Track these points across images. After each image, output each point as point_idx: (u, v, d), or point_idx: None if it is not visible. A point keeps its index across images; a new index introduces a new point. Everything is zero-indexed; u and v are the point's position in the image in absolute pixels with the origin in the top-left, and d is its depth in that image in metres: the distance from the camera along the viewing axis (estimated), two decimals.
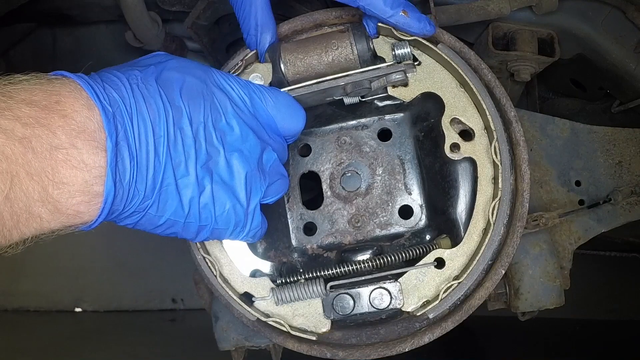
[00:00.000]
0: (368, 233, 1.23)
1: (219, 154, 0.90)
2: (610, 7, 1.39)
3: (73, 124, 0.75)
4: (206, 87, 0.91)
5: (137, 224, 0.88)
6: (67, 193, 0.75)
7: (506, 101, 1.12)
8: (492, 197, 1.08)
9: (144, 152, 0.82)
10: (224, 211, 0.92)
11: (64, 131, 0.74)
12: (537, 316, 1.30)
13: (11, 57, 1.94)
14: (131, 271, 3.13)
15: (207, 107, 0.90)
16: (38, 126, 0.72)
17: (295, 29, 1.17)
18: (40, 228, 0.76)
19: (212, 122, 0.90)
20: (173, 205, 0.87)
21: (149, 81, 0.86)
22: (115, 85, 0.83)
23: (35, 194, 0.72)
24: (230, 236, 0.98)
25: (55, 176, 0.73)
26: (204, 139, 0.88)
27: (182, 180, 0.86)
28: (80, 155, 0.75)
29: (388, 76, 1.08)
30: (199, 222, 0.91)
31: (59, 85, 0.77)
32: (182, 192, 0.87)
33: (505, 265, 1.09)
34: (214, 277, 1.12)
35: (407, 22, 1.04)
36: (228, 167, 0.91)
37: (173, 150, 0.85)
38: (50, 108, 0.74)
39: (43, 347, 2.87)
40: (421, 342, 1.09)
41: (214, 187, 0.90)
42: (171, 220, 0.89)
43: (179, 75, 0.89)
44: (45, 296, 3.18)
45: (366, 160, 1.25)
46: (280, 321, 1.10)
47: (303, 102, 1.12)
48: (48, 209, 0.74)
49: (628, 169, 1.39)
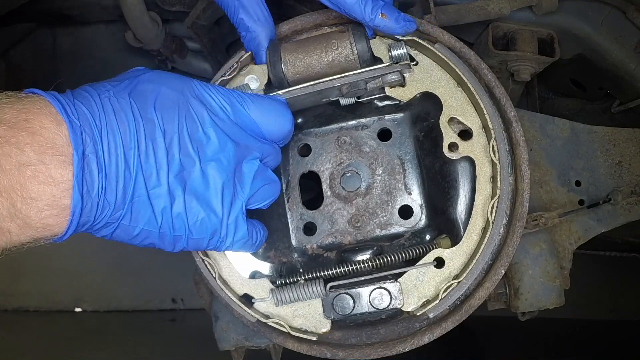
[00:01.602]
0: (368, 233, 1.23)
1: (194, 164, 0.91)
2: (610, 7, 1.39)
3: (41, 140, 0.77)
4: (183, 98, 0.92)
5: (113, 235, 0.90)
6: (35, 208, 0.77)
7: (506, 101, 1.12)
8: (491, 196, 1.08)
9: (114, 164, 0.83)
10: (196, 220, 0.92)
11: (33, 148, 0.76)
12: (537, 316, 1.30)
13: (11, 57, 1.94)
14: (131, 271, 3.13)
15: (182, 118, 0.91)
16: (7, 145, 0.75)
17: (295, 29, 1.17)
18: (9, 242, 0.78)
19: (187, 132, 0.91)
20: (146, 216, 0.88)
21: (121, 95, 0.88)
22: (86, 100, 0.85)
23: (4, 210, 0.75)
24: (209, 246, 0.98)
25: (23, 192, 0.76)
26: (177, 150, 0.89)
27: (154, 190, 0.88)
28: (48, 170, 0.77)
29: (384, 77, 1.08)
30: (173, 231, 0.92)
31: (29, 103, 0.79)
32: (154, 202, 0.88)
33: (505, 265, 1.09)
34: (213, 279, 1.12)
35: (387, 24, 1.05)
36: (203, 177, 0.92)
37: (144, 162, 0.86)
38: (19, 126, 0.76)
39: (43, 347, 2.87)
40: (421, 342, 1.09)
41: (186, 197, 0.91)
42: (146, 231, 0.90)
43: (153, 86, 0.91)
44: (45, 296, 3.18)
45: (366, 160, 1.25)
46: (280, 322, 1.10)
47: (299, 103, 1.12)
48: (17, 224, 0.77)
49: (628, 169, 1.39)
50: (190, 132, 0.91)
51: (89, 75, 2.00)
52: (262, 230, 1.07)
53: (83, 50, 1.99)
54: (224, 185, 0.94)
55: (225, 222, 0.95)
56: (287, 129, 1.04)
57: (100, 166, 0.82)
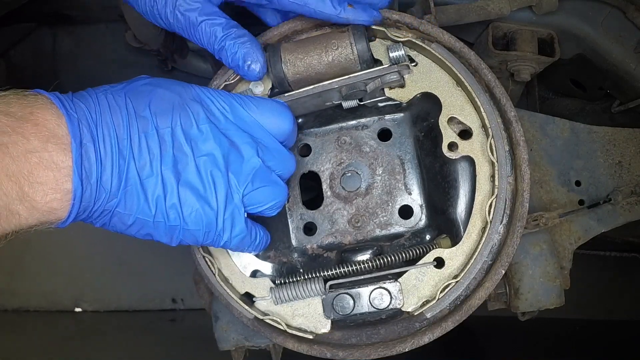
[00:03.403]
0: (368, 233, 1.23)
1: (187, 158, 0.94)
2: (610, 7, 1.39)
3: (45, 131, 0.84)
4: (179, 99, 0.97)
5: (110, 224, 0.94)
6: (41, 192, 0.83)
7: (506, 101, 1.12)
8: (490, 195, 1.09)
9: (109, 152, 0.89)
10: (191, 212, 0.95)
11: (37, 137, 0.83)
12: (537, 316, 1.30)
13: (11, 57, 1.94)
14: (131, 271, 3.13)
15: (176, 116, 0.95)
16: (14, 134, 0.81)
17: (295, 28, 1.17)
18: (19, 224, 0.84)
19: (181, 128, 0.94)
20: (139, 203, 0.92)
21: (117, 93, 0.94)
22: (84, 98, 0.92)
23: (14, 193, 0.81)
24: (207, 240, 0.99)
25: (30, 177, 0.82)
26: (171, 144, 0.93)
27: (148, 180, 0.92)
28: (51, 157, 0.84)
29: (383, 78, 1.08)
30: (168, 221, 0.94)
31: (32, 100, 0.87)
32: (147, 190, 0.92)
33: (505, 265, 1.09)
34: (213, 276, 1.12)
35: (356, 15, 1.07)
36: (197, 171, 0.95)
37: (137, 152, 0.91)
38: (25, 118, 0.84)
39: (43, 347, 2.87)
40: (421, 342, 1.09)
41: (180, 188, 0.94)
42: (140, 220, 0.93)
43: (150, 88, 0.96)
44: (45, 296, 3.18)
45: (366, 160, 1.25)
46: (277, 319, 1.10)
47: (301, 107, 1.12)
48: (25, 206, 0.83)
49: (628, 169, 1.39)
50: (185, 129, 0.95)
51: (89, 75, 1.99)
52: (264, 233, 1.08)
53: (83, 50, 1.99)
54: (218, 180, 0.96)
55: (222, 216, 0.97)
56: (288, 128, 1.04)
57: (97, 154, 0.88)
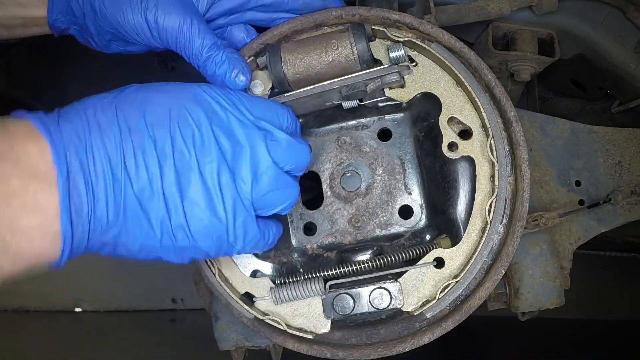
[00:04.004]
0: (368, 233, 1.23)
1: (191, 169, 0.86)
2: (610, 7, 1.39)
3: (27, 168, 0.76)
4: (176, 101, 0.89)
5: (116, 253, 0.87)
6: (25, 240, 0.76)
7: (506, 101, 1.12)
8: (490, 195, 1.09)
9: (101, 180, 0.81)
10: (200, 228, 0.87)
11: (18, 177, 0.75)
12: (537, 316, 1.30)
13: (11, 57, 1.94)
14: (131, 271, 3.13)
15: (174, 121, 0.87)
16: None
17: (295, 28, 1.17)
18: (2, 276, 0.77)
19: (182, 136, 0.86)
20: (142, 229, 0.85)
21: (107, 107, 0.85)
22: (70, 117, 0.83)
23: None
24: (219, 253, 0.93)
25: (12, 224, 0.74)
26: (171, 156, 0.85)
27: (149, 202, 0.84)
28: (35, 198, 0.76)
29: (383, 78, 1.08)
30: (176, 242, 0.87)
31: (13, 129, 0.78)
32: (150, 214, 0.84)
33: (505, 265, 1.09)
34: (213, 276, 1.12)
35: None
36: (202, 182, 0.87)
37: (134, 173, 0.83)
38: (3, 156, 0.75)
39: (43, 347, 2.87)
40: (421, 342, 1.09)
41: (185, 205, 0.86)
42: (146, 246, 0.86)
43: (143, 94, 0.88)
44: (45, 296, 3.18)
45: (366, 160, 1.25)
46: (277, 319, 1.10)
47: (301, 107, 1.12)
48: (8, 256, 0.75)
49: (628, 169, 1.39)
50: (185, 136, 0.87)
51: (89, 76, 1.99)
52: (276, 229, 1.02)
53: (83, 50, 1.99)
54: (226, 189, 0.89)
55: (232, 226, 0.90)
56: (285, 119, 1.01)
57: (88, 184, 0.80)
